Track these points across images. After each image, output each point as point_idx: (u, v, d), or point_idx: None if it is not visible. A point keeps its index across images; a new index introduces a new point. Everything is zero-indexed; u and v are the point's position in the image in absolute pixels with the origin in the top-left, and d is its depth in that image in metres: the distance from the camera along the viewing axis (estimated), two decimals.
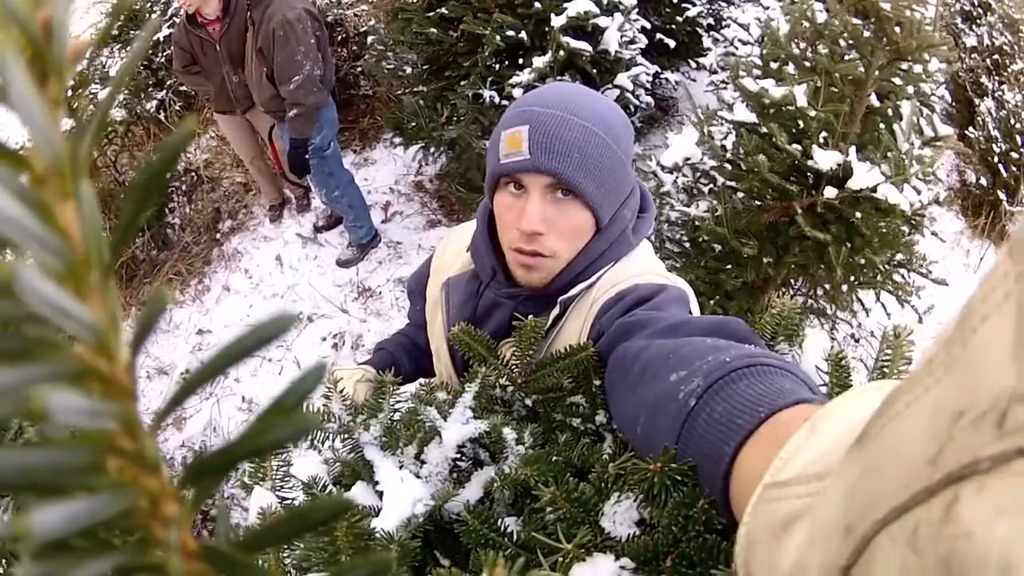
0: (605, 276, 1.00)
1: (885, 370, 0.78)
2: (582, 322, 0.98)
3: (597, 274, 0.99)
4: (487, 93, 3.03)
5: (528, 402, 0.95)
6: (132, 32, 4.95)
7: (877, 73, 2.11)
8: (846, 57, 2.17)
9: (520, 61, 3.05)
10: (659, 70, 4.13)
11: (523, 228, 0.93)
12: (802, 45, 2.30)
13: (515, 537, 0.72)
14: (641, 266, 1.02)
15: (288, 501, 0.81)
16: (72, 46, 0.13)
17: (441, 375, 1.19)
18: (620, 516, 0.66)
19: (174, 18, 4.59)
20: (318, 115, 3.27)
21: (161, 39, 4.71)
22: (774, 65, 2.40)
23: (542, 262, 0.97)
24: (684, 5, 4.15)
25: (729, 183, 2.49)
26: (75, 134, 0.14)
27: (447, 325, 1.11)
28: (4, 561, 0.76)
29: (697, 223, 2.56)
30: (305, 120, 3.21)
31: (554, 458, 0.76)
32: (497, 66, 3.12)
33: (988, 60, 4.81)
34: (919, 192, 2.09)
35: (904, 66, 2.12)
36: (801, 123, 2.21)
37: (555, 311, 0.99)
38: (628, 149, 0.97)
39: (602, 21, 3.02)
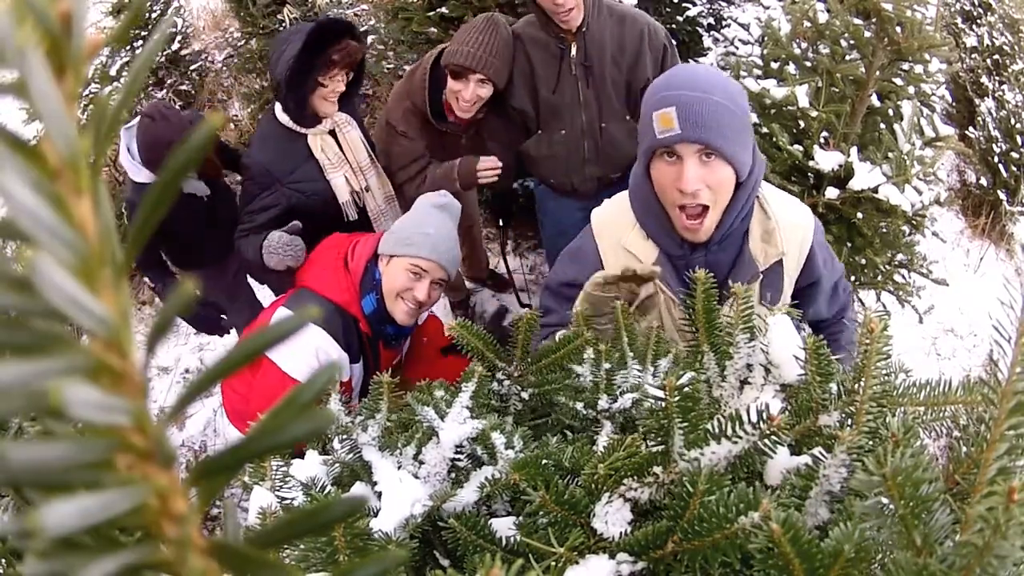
0: (784, 221, 1.33)
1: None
2: (797, 256, 1.35)
3: (749, 217, 1.31)
4: None
5: (524, 395, 0.95)
6: (133, 31, 4.93)
7: (878, 73, 2.10)
8: (847, 57, 2.17)
9: None
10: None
11: (685, 189, 1.19)
12: (803, 45, 2.30)
13: (507, 543, 0.71)
14: (780, 202, 1.37)
15: (287, 501, 0.81)
16: (89, 41, 0.13)
17: None
18: (612, 516, 0.66)
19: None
20: None
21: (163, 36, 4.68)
22: (775, 65, 2.40)
23: (702, 222, 1.23)
24: (684, 5, 4.14)
25: None
26: (90, 129, 0.14)
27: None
28: (4, 561, 0.75)
29: None
30: None
31: (544, 461, 0.75)
32: None
33: (988, 60, 4.81)
34: (920, 192, 2.08)
35: (905, 66, 2.12)
36: (802, 123, 2.21)
37: (758, 279, 1.32)
38: (747, 109, 1.24)
39: None
